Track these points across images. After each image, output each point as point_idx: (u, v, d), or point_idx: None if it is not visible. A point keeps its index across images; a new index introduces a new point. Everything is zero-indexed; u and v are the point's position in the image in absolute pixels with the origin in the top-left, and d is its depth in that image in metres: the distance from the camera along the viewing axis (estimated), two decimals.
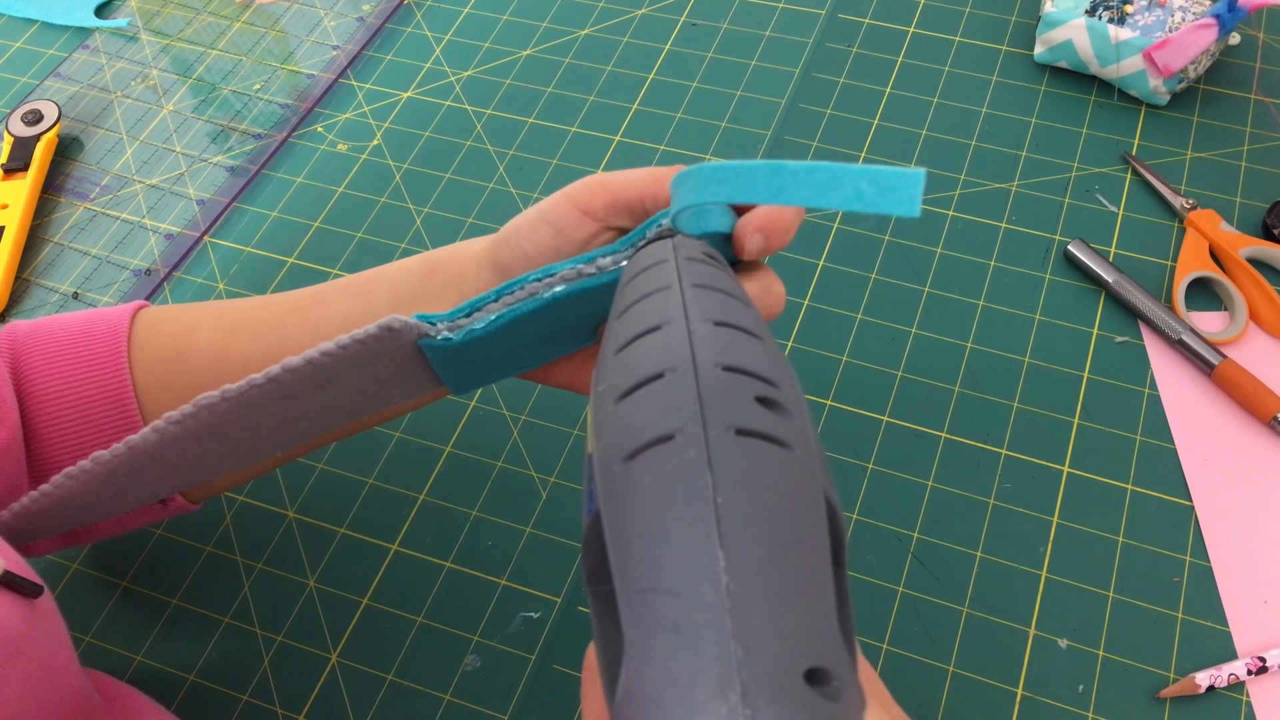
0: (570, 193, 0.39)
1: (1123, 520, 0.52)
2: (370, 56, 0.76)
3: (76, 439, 0.43)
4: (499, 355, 0.38)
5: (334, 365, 0.35)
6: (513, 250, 0.40)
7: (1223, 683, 0.47)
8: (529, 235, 0.39)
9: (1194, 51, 0.62)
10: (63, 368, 0.44)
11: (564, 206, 0.39)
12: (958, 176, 0.65)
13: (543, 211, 0.39)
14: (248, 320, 0.45)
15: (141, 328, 0.46)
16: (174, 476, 0.39)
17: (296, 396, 0.36)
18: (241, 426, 0.37)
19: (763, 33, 0.73)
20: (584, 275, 0.36)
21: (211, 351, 0.44)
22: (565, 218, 0.39)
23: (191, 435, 0.36)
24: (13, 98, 0.76)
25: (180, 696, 0.50)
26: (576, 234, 0.39)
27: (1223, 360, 0.55)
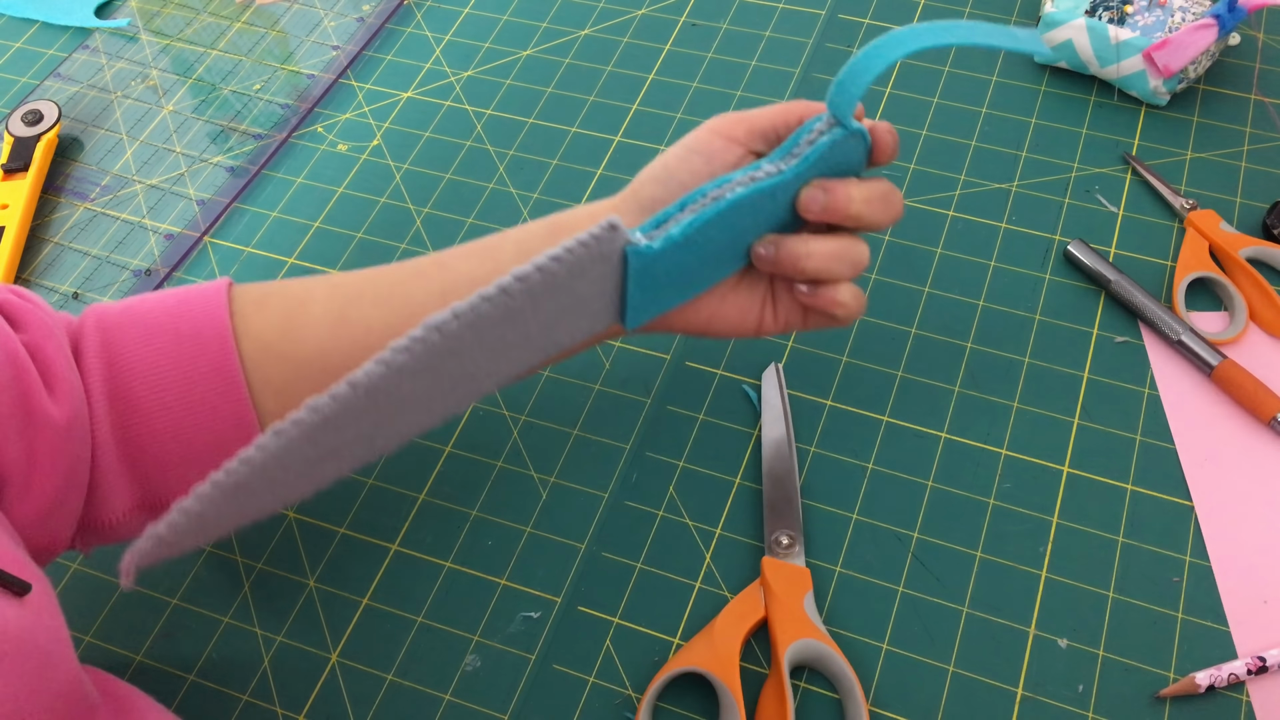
0: (712, 125, 0.44)
1: (1123, 520, 0.52)
2: (370, 56, 0.76)
3: (179, 412, 0.43)
4: (680, 270, 0.41)
5: (559, 272, 0.35)
6: (664, 185, 0.43)
7: (1223, 683, 0.47)
8: (679, 168, 0.43)
9: (1194, 52, 0.62)
10: (163, 341, 0.44)
11: (708, 137, 0.43)
12: (958, 176, 0.65)
13: (687, 145, 0.43)
14: (365, 288, 0.46)
15: (246, 301, 0.46)
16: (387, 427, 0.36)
17: (513, 318, 0.36)
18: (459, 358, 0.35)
19: (763, 33, 0.73)
20: (758, 180, 0.40)
21: (329, 319, 0.45)
22: (712, 144, 0.43)
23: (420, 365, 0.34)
24: (13, 98, 0.76)
25: (180, 696, 0.50)
26: (727, 157, 0.43)
27: (1223, 360, 0.55)
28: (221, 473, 0.32)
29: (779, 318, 0.47)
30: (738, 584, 0.51)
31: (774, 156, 0.42)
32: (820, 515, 0.53)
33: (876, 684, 0.48)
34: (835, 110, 0.41)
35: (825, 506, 0.53)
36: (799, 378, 0.58)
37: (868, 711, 0.46)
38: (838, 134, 0.41)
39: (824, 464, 0.55)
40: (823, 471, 0.54)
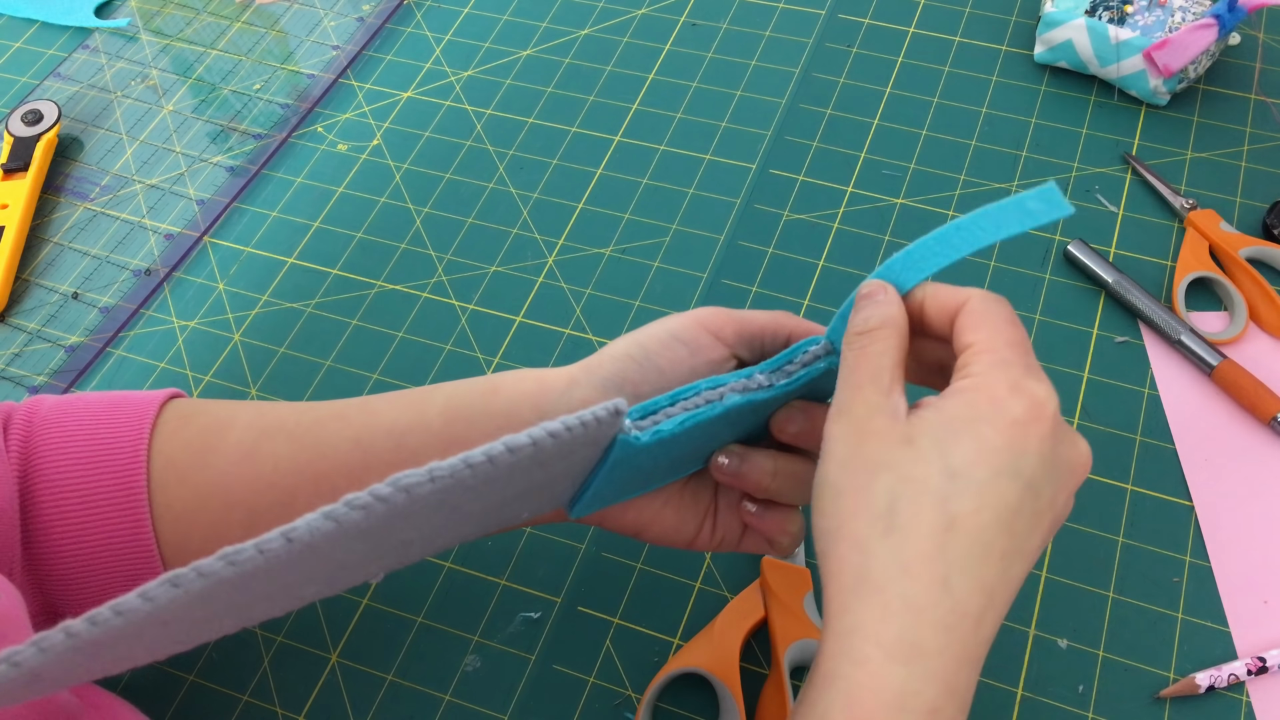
0: (698, 316, 0.41)
1: (1123, 520, 0.52)
2: (370, 56, 0.76)
3: (78, 525, 0.41)
4: (649, 466, 0.39)
5: (550, 449, 0.32)
6: (640, 367, 0.40)
7: (1223, 683, 0.47)
8: (660, 353, 0.40)
9: (1194, 51, 0.62)
10: (78, 447, 0.42)
11: (696, 329, 0.40)
12: (958, 176, 0.65)
13: (672, 332, 0.40)
14: (286, 421, 0.43)
15: (172, 416, 0.44)
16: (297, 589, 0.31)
17: (485, 488, 0.31)
18: (410, 521, 0.30)
19: (763, 33, 0.73)
20: (750, 390, 0.38)
21: (241, 449, 0.42)
22: (699, 339, 0.40)
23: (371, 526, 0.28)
24: (13, 98, 0.76)
25: (180, 696, 0.50)
26: (711, 355, 0.40)
27: (1223, 360, 0.55)
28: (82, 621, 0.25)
29: (715, 534, 0.43)
30: (738, 584, 0.51)
31: (765, 368, 0.39)
32: None
33: None
34: (834, 339, 0.39)
35: None
36: None
37: None
38: (833, 362, 0.39)
39: None
40: None
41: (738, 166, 0.67)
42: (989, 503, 0.32)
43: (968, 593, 0.32)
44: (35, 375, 0.62)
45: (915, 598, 0.32)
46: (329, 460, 0.41)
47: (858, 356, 0.36)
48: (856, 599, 0.33)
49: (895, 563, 0.32)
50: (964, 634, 0.32)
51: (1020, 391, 0.33)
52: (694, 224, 0.64)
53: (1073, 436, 0.35)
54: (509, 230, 0.65)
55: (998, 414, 0.33)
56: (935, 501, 0.32)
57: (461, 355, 0.60)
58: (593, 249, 0.64)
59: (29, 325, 0.64)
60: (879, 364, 0.36)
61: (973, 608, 0.32)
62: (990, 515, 0.32)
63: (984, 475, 0.32)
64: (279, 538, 0.27)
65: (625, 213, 0.65)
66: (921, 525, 0.32)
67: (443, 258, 0.65)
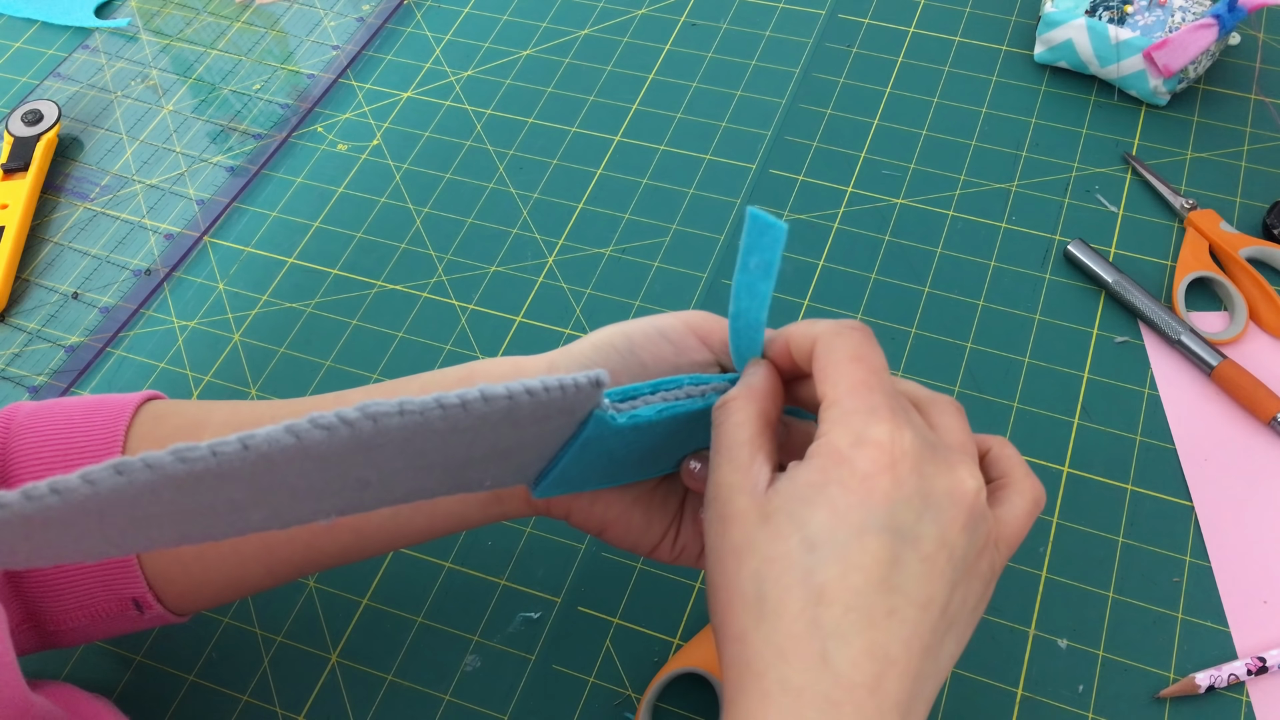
0: (687, 319, 0.40)
1: (1123, 520, 0.52)
2: (370, 56, 0.76)
3: None
4: (621, 454, 0.38)
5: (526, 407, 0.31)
6: (624, 358, 0.39)
7: (1223, 683, 0.47)
8: (645, 346, 0.39)
9: (1194, 51, 0.62)
10: (52, 452, 0.41)
11: (683, 330, 0.40)
12: (958, 176, 0.65)
13: (659, 328, 0.39)
14: (261, 418, 0.42)
15: (146, 417, 0.43)
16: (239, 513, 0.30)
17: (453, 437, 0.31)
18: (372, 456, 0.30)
19: (763, 33, 0.73)
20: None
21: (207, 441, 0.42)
22: (685, 340, 0.39)
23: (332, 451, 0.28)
24: (13, 98, 0.76)
25: (180, 696, 0.50)
26: (695, 357, 0.39)
27: (1222, 360, 0.55)
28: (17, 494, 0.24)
29: (677, 544, 0.42)
30: None
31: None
32: None
33: None
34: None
35: None
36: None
37: None
38: None
39: None
40: None
41: (738, 166, 0.67)
42: (855, 565, 0.31)
43: (851, 663, 0.30)
44: (35, 375, 0.62)
45: (792, 680, 0.30)
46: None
47: (716, 434, 0.35)
48: (740, 691, 0.31)
49: (770, 648, 0.31)
50: (857, 705, 0.30)
51: (863, 443, 0.32)
52: (694, 224, 0.64)
53: (945, 465, 0.33)
54: (509, 230, 0.65)
55: (845, 473, 0.31)
56: (800, 577, 0.31)
57: (461, 355, 0.60)
58: (593, 249, 0.64)
59: (29, 325, 0.64)
60: (734, 438, 0.34)
61: (862, 676, 0.30)
62: (860, 577, 0.31)
63: (843, 538, 0.31)
64: (235, 442, 0.26)
65: (625, 213, 0.65)
66: (790, 605, 0.31)
67: (443, 258, 0.65)
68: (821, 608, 0.31)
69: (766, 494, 0.33)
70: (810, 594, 0.31)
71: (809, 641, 0.30)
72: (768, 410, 0.35)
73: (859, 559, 0.31)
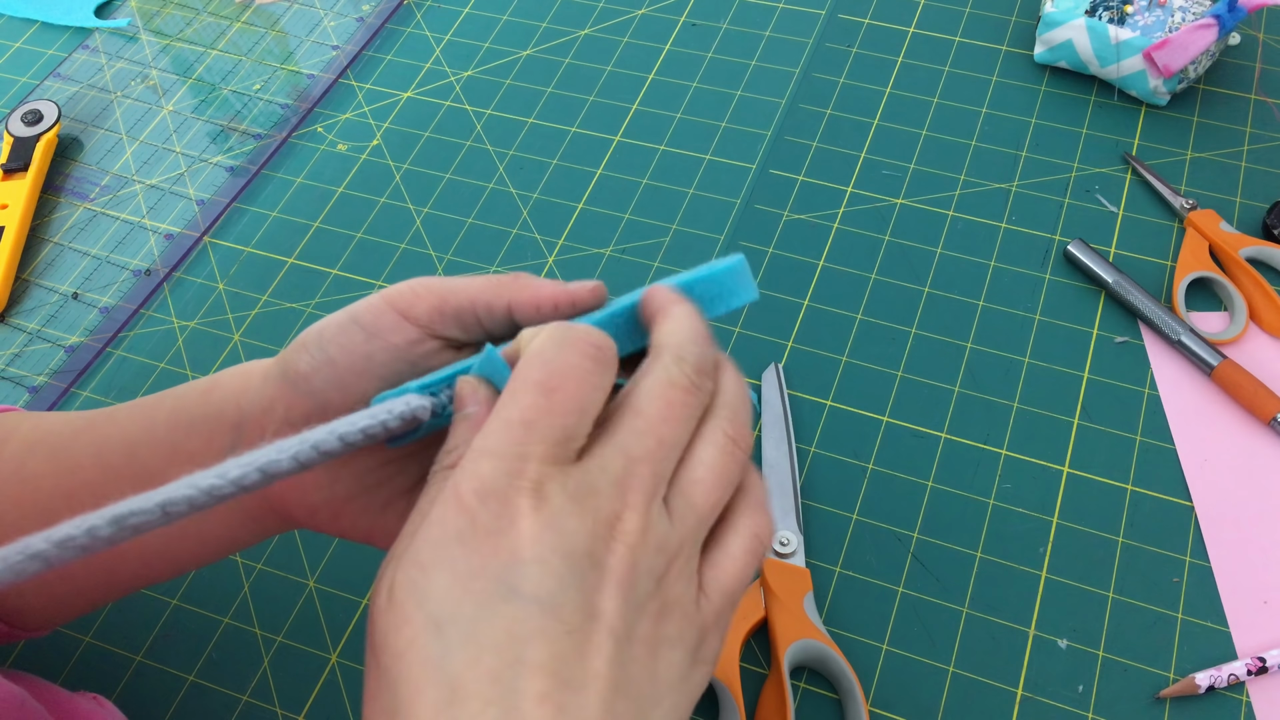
0: (389, 294, 0.35)
1: (1123, 520, 0.52)
2: (370, 56, 0.76)
3: None
4: None
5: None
6: (311, 355, 0.34)
7: (1222, 683, 0.47)
8: (334, 338, 0.34)
9: (1194, 51, 0.62)
10: None
11: (380, 308, 0.34)
12: (958, 176, 0.65)
13: (353, 313, 0.35)
14: (50, 434, 0.40)
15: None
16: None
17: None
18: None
19: (763, 33, 0.73)
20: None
21: (10, 466, 0.40)
22: (380, 320, 0.34)
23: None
24: (13, 98, 0.76)
25: (180, 696, 0.50)
26: (393, 338, 0.34)
27: (1223, 360, 0.55)
28: None
29: None
30: None
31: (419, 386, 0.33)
32: (820, 515, 0.53)
33: (876, 684, 0.48)
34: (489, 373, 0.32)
35: (825, 507, 0.53)
36: (799, 378, 0.58)
37: (868, 712, 0.46)
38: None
39: (824, 464, 0.55)
40: (823, 471, 0.54)
41: (738, 166, 0.67)
42: (489, 644, 0.25)
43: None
44: (35, 375, 0.62)
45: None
46: (76, 477, 0.39)
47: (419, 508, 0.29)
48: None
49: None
50: None
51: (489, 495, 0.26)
52: (694, 224, 0.64)
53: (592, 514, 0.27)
54: (509, 230, 0.65)
55: (467, 527, 0.26)
56: (429, 670, 0.25)
57: None
58: (593, 249, 0.64)
59: (29, 325, 0.64)
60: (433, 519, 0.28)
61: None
62: (496, 660, 0.25)
63: (470, 611, 0.26)
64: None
65: (625, 213, 0.65)
66: (423, 709, 0.25)
67: (443, 258, 0.65)
68: (456, 707, 0.25)
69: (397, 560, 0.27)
70: (443, 691, 0.25)
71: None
72: None
73: (490, 636, 0.25)
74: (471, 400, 0.31)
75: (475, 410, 0.30)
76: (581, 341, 0.29)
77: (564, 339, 0.29)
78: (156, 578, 0.42)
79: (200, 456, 0.37)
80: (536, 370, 0.28)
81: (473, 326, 0.34)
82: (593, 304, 0.33)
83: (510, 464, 0.27)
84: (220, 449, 0.37)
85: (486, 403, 0.30)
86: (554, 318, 0.33)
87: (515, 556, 0.26)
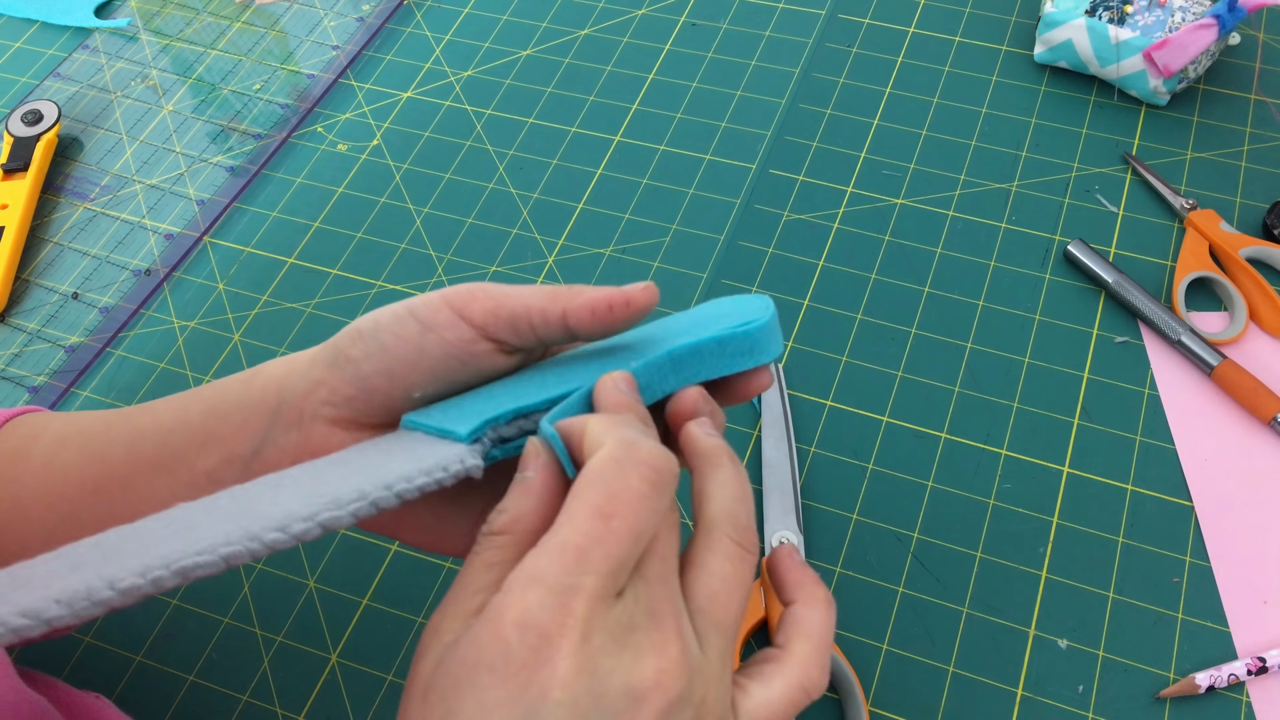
0: (447, 292, 0.35)
1: (1123, 520, 0.52)
2: (370, 56, 0.76)
3: None
4: None
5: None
6: (366, 342, 0.35)
7: (1223, 683, 0.47)
8: (390, 326, 0.35)
9: (1194, 51, 0.62)
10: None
11: (437, 304, 0.35)
12: (958, 176, 0.65)
13: (410, 306, 0.35)
14: (83, 428, 0.41)
15: (8, 430, 0.43)
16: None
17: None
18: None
19: (763, 33, 0.73)
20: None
21: (41, 460, 0.41)
22: (437, 316, 0.35)
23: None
24: (13, 98, 0.76)
25: (180, 696, 0.50)
26: (447, 334, 0.34)
27: (1223, 360, 0.55)
28: None
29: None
30: None
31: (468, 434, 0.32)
32: (820, 515, 0.53)
33: (876, 684, 0.48)
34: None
35: (825, 506, 0.53)
36: (799, 378, 0.58)
37: (868, 712, 0.46)
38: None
39: (824, 464, 0.55)
40: (823, 471, 0.54)
41: (738, 166, 0.67)
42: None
43: None
44: (35, 375, 0.62)
45: None
46: (105, 466, 0.39)
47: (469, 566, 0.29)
48: None
49: None
50: None
51: (528, 626, 0.26)
52: (694, 224, 0.64)
53: (633, 652, 0.27)
54: (509, 230, 0.65)
55: (499, 657, 0.26)
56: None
57: None
58: (593, 249, 0.64)
59: (29, 325, 0.64)
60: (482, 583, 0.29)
61: None
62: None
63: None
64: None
65: (625, 213, 0.65)
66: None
67: (443, 258, 0.65)
68: None
69: (443, 658, 0.27)
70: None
71: None
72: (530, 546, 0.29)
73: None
74: (533, 465, 0.30)
75: (533, 477, 0.30)
76: (644, 465, 0.28)
77: (625, 459, 0.28)
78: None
79: (232, 441, 0.37)
80: (596, 494, 0.27)
81: (526, 333, 0.35)
82: (646, 305, 0.34)
83: (558, 597, 0.26)
84: (255, 432, 0.37)
85: (547, 469, 0.30)
86: (609, 320, 0.33)
87: (545, 696, 0.25)
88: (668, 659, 0.27)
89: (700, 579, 0.29)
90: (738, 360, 0.34)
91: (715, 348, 0.34)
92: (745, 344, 0.34)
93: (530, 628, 0.26)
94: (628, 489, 0.27)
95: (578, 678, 0.26)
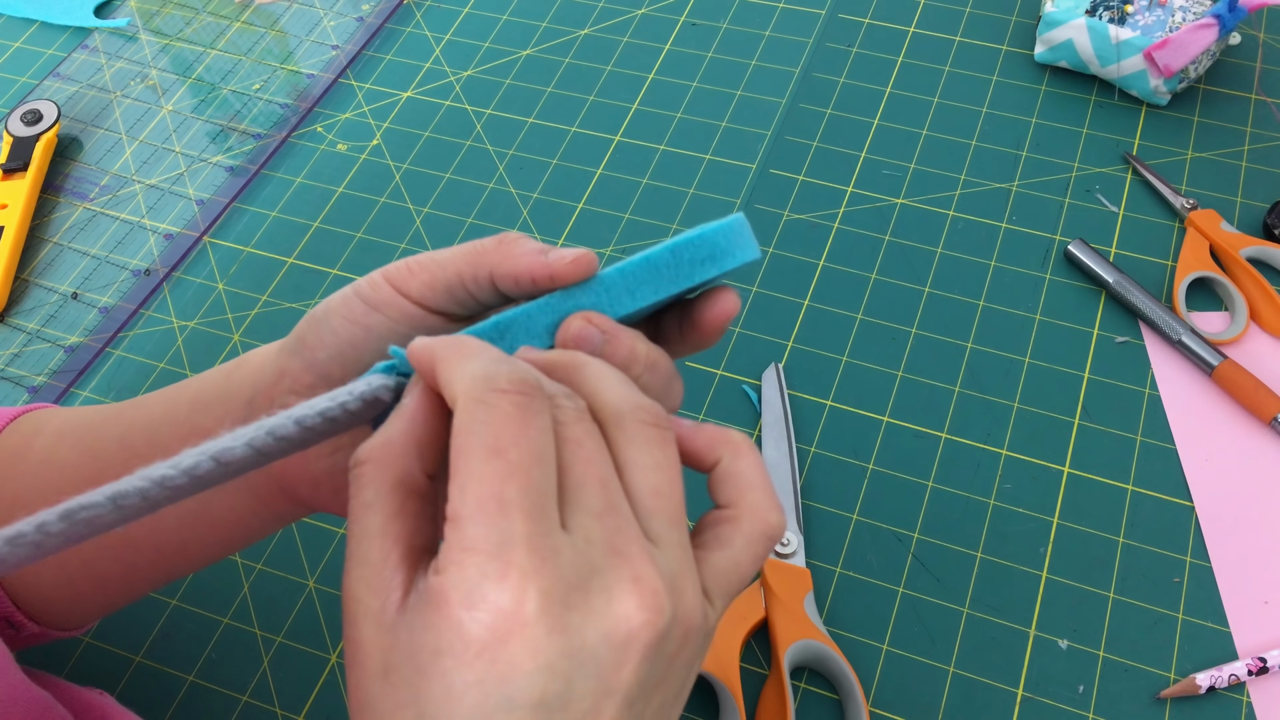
0: (386, 270, 0.34)
1: (1123, 520, 0.52)
2: (370, 56, 0.76)
3: None
4: None
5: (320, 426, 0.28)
6: (319, 327, 0.34)
7: (1223, 683, 0.47)
8: (338, 310, 0.34)
9: (1194, 51, 0.62)
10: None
11: (378, 282, 0.34)
12: (958, 176, 0.65)
13: (356, 288, 0.34)
14: (80, 423, 0.41)
15: (14, 427, 0.43)
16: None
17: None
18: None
19: (763, 33, 0.73)
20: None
21: (41, 455, 0.41)
22: (377, 294, 0.34)
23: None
24: (12, 98, 0.76)
25: (180, 696, 0.50)
26: (389, 312, 0.33)
27: (1223, 360, 0.55)
28: None
29: None
30: None
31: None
32: (820, 515, 0.53)
33: (876, 684, 0.48)
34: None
35: (825, 507, 0.53)
36: (799, 378, 0.58)
37: (868, 712, 0.46)
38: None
39: (824, 464, 0.55)
40: (823, 471, 0.54)
41: (738, 166, 0.67)
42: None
43: None
44: (35, 375, 0.62)
45: None
46: (99, 461, 0.40)
47: (350, 515, 0.27)
48: None
49: None
50: None
51: (477, 604, 0.24)
52: (694, 224, 0.64)
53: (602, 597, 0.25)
54: (509, 230, 0.65)
55: (457, 641, 0.24)
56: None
57: None
58: (593, 249, 0.64)
59: (28, 325, 0.64)
60: (362, 526, 0.26)
61: None
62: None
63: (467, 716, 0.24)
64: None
65: (625, 213, 0.65)
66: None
67: None
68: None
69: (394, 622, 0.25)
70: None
71: None
72: (411, 474, 0.27)
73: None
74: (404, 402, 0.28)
75: (409, 403, 0.28)
76: (507, 393, 0.26)
77: (486, 394, 0.26)
78: (176, 569, 0.42)
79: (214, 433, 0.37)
80: (476, 440, 0.25)
81: (466, 300, 0.33)
82: (575, 280, 0.31)
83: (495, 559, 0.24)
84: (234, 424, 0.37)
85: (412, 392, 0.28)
86: (535, 290, 0.32)
87: (516, 669, 0.24)
88: (645, 590, 0.25)
89: (635, 479, 0.27)
90: (698, 268, 0.31)
91: (670, 258, 0.31)
92: (703, 248, 0.31)
93: (479, 604, 0.24)
94: (505, 418, 0.25)
95: (548, 640, 0.24)
